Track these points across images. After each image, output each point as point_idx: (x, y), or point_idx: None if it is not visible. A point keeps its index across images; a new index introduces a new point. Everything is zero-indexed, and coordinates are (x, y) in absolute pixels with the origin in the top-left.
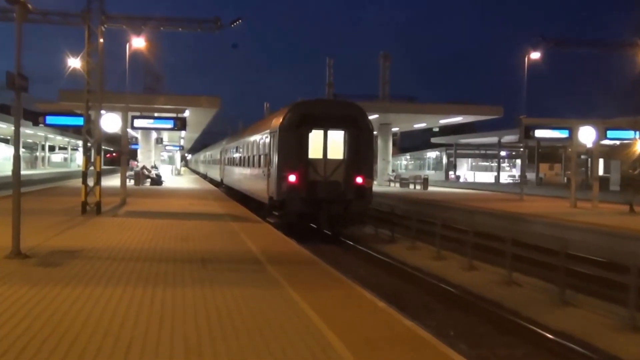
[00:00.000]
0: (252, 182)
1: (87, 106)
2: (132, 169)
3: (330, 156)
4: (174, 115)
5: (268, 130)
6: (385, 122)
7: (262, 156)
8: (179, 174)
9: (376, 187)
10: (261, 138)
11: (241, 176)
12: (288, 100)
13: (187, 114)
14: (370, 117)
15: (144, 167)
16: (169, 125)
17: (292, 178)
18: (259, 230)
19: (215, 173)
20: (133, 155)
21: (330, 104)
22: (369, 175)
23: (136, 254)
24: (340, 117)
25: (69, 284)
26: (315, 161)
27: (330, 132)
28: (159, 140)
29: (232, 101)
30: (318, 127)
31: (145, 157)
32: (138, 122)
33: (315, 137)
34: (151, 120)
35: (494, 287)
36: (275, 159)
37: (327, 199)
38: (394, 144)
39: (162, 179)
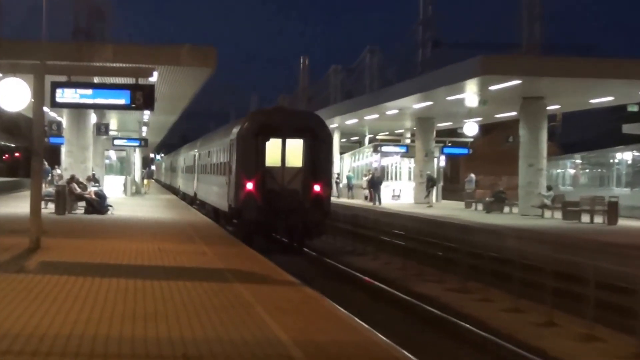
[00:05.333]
0: (216, 191)
1: None
2: (52, 182)
3: (288, 164)
4: (130, 81)
5: (229, 138)
6: (532, 94)
7: (224, 164)
8: (137, 191)
9: (515, 219)
10: (223, 145)
11: (209, 185)
12: (343, 54)
13: (154, 78)
14: (505, 85)
15: (73, 180)
16: (121, 100)
17: (249, 186)
18: (290, 301)
19: (189, 185)
20: (54, 156)
21: (288, 113)
22: (327, 184)
23: (60, 346)
24: (298, 126)
25: None
26: (273, 169)
27: (288, 141)
28: (102, 129)
29: (242, 56)
30: (276, 135)
31: (77, 161)
32: (63, 94)
33: (273, 146)
34: (88, 91)
35: None
36: (234, 167)
37: (285, 207)
38: (549, 138)
39: (108, 201)
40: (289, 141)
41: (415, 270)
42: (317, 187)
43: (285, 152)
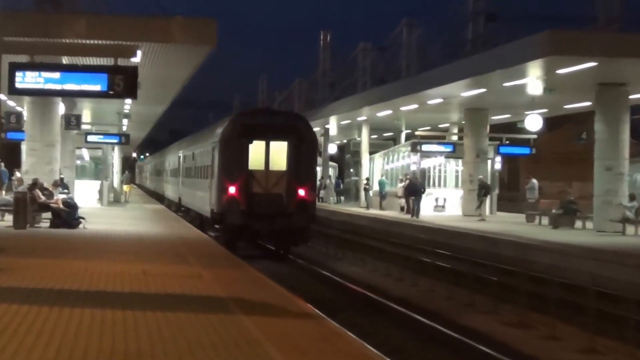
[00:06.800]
0: (199, 195)
1: None
2: (10, 188)
3: (272, 167)
4: (108, 62)
5: (212, 140)
6: (611, 79)
7: (207, 167)
8: (116, 199)
9: (590, 236)
10: (206, 147)
11: (193, 189)
12: (373, 29)
13: (138, 58)
14: (578, 67)
15: (36, 185)
16: (97, 86)
17: (232, 190)
18: (308, 337)
19: (173, 190)
20: (12, 155)
21: (272, 114)
22: (313, 188)
23: None
24: (282, 127)
25: None
26: (256, 173)
27: (272, 143)
28: (73, 122)
29: (248, 31)
30: (260, 137)
31: (41, 162)
32: (24, 78)
33: (256, 148)
34: (55, 75)
35: None
36: (216, 170)
37: (269, 211)
38: (632, 134)
39: (80, 212)
40: (273, 143)
41: (465, 300)
42: (302, 191)
43: (269, 155)
